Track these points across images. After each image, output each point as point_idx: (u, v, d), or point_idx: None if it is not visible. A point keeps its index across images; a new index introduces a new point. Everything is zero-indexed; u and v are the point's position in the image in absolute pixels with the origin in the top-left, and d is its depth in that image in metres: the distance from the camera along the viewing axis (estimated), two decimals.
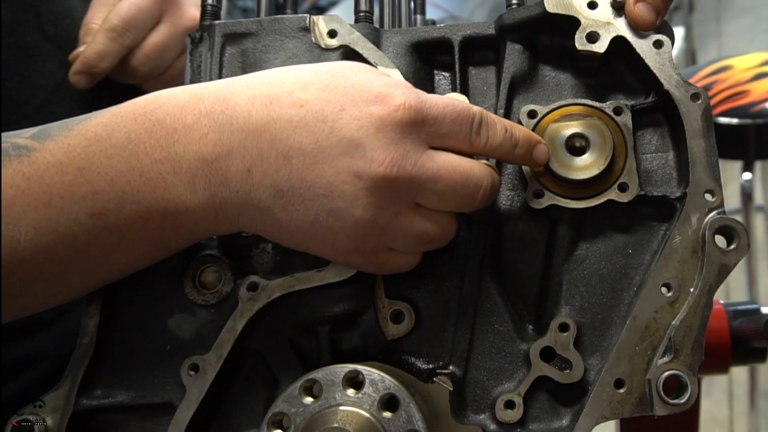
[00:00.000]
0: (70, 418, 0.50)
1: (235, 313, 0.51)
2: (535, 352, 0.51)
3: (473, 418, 0.51)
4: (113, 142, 0.45)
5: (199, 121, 0.45)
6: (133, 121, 0.46)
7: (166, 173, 0.45)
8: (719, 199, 0.50)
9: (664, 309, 0.49)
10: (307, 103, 0.45)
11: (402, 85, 0.47)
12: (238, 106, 0.46)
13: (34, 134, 0.46)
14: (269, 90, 0.46)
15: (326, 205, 0.45)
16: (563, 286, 0.53)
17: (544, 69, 0.57)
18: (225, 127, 0.45)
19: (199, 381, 0.50)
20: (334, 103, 0.45)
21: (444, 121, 0.46)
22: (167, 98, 0.47)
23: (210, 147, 0.45)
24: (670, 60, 0.53)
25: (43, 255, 0.45)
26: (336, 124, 0.44)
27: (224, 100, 0.46)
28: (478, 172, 0.47)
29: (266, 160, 0.45)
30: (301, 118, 0.45)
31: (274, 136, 0.45)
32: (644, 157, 0.54)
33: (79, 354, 0.52)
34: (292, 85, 0.46)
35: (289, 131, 0.45)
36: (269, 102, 0.45)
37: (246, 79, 0.48)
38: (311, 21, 0.58)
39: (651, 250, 0.53)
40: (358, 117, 0.44)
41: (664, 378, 0.47)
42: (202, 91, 0.47)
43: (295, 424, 0.45)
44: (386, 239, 0.47)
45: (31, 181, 0.44)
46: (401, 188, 0.45)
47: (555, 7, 0.54)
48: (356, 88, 0.46)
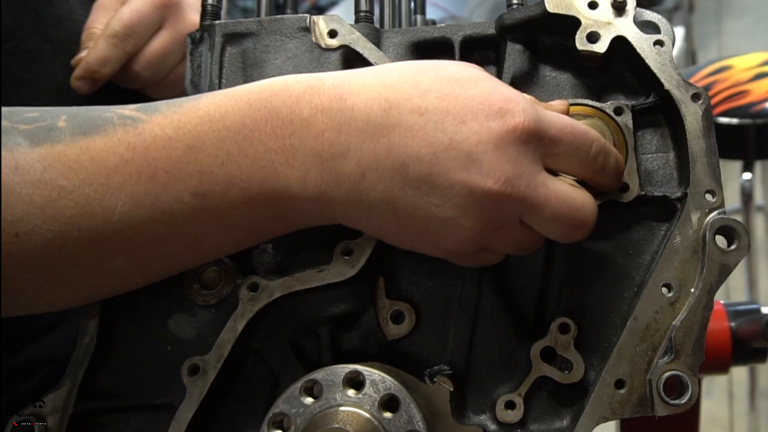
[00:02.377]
0: (70, 419, 0.50)
1: (235, 314, 0.51)
2: (535, 352, 0.51)
3: (474, 419, 0.51)
4: (226, 124, 0.44)
5: (316, 116, 0.45)
6: (248, 106, 0.45)
7: (279, 164, 0.45)
8: (720, 199, 0.50)
9: (665, 309, 0.49)
10: (426, 111, 0.44)
11: (522, 99, 0.46)
12: (356, 107, 0.45)
13: (140, 107, 0.45)
14: (388, 93, 0.45)
15: (437, 215, 0.45)
16: (564, 287, 0.53)
17: (544, 69, 0.57)
18: (343, 127, 0.44)
19: (199, 381, 0.50)
20: (454, 115, 0.44)
21: (561, 143, 0.46)
22: (281, 86, 0.46)
23: (326, 145, 0.45)
24: (670, 60, 0.53)
25: (135, 230, 0.44)
26: (455, 136, 0.44)
27: (341, 97, 0.45)
28: (587, 210, 0.47)
29: (382, 165, 0.44)
30: (420, 127, 0.44)
31: (391, 143, 0.44)
32: (645, 157, 0.54)
33: (79, 355, 0.52)
34: (411, 90, 0.45)
35: (408, 139, 0.44)
36: (388, 106, 0.45)
37: (362, 78, 0.47)
38: (311, 21, 0.58)
39: (651, 251, 0.53)
40: (478, 131, 0.44)
41: (665, 378, 0.47)
42: (317, 83, 0.46)
43: (295, 425, 0.45)
44: (485, 244, 0.47)
45: (136, 151, 0.43)
46: (510, 206, 0.45)
47: (555, 7, 0.54)
48: (476, 100, 0.45)
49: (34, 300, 0.45)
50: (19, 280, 0.42)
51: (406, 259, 0.54)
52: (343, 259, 0.51)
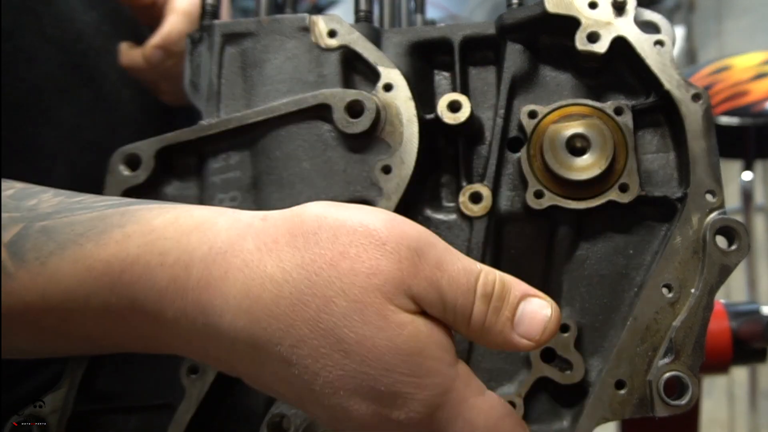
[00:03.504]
0: (70, 419, 0.50)
1: None
2: (535, 353, 0.51)
3: None
4: (92, 307, 0.41)
5: (180, 321, 0.40)
6: (109, 292, 0.41)
7: (157, 347, 0.43)
8: (720, 199, 0.50)
9: (665, 310, 0.49)
10: (296, 365, 0.38)
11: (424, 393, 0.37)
12: (220, 330, 0.39)
13: (12, 242, 0.43)
14: (253, 329, 0.38)
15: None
16: (564, 287, 0.53)
17: (544, 69, 0.57)
18: (209, 343, 0.40)
19: (198, 382, 0.50)
20: (325, 382, 0.37)
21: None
22: (143, 270, 0.40)
23: (197, 350, 0.42)
24: (671, 60, 0.52)
25: (49, 353, 0.47)
26: (322, 402, 0.38)
27: (204, 310, 0.39)
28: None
29: (254, 381, 0.41)
30: (286, 377, 0.39)
31: (258, 375, 0.40)
32: (645, 157, 0.54)
33: (78, 355, 0.51)
34: (280, 334, 0.38)
35: (274, 382, 0.40)
36: (253, 346, 0.39)
37: (229, 287, 0.39)
38: (311, 21, 0.58)
39: (652, 251, 0.52)
40: (347, 410, 0.38)
41: (665, 379, 0.47)
42: (181, 275, 0.40)
43: (294, 426, 0.45)
44: None
45: (13, 313, 0.42)
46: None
47: (555, 7, 0.54)
48: (356, 377, 0.37)
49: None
50: None
51: None
52: None
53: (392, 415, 0.37)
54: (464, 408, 0.38)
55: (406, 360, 0.37)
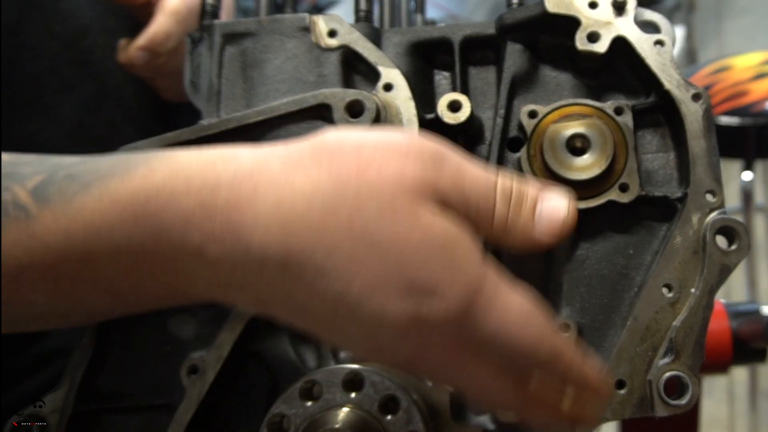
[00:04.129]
0: (70, 419, 0.50)
1: (235, 314, 0.51)
2: None
3: (474, 420, 0.51)
4: (115, 242, 0.41)
5: (208, 246, 0.39)
6: (133, 222, 0.40)
7: (179, 282, 0.42)
8: (720, 199, 0.50)
9: (665, 310, 0.49)
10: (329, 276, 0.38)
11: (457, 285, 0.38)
12: (251, 248, 0.39)
13: (35, 188, 0.42)
14: (287, 240, 0.39)
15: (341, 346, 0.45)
16: (564, 287, 0.53)
17: (544, 69, 0.57)
18: (237, 265, 0.40)
19: (198, 382, 0.50)
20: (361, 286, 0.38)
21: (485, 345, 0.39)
22: (169, 198, 0.40)
23: (223, 276, 0.40)
24: (671, 60, 0.52)
25: (64, 313, 0.44)
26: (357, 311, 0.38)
27: (234, 229, 0.39)
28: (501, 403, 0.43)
29: (281, 304, 0.41)
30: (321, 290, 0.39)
31: (289, 293, 0.40)
32: (645, 157, 0.54)
33: (78, 355, 0.52)
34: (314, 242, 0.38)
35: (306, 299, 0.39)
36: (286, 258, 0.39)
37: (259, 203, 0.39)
38: (311, 21, 0.58)
39: (652, 251, 0.52)
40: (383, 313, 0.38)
41: (665, 379, 0.47)
42: (209, 199, 0.40)
43: (295, 426, 0.45)
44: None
45: (34, 257, 0.41)
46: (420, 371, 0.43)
47: (555, 7, 0.54)
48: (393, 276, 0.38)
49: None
50: None
51: None
52: None
53: (428, 314, 0.37)
54: (496, 304, 0.38)
55: (440, 253, 0.37)
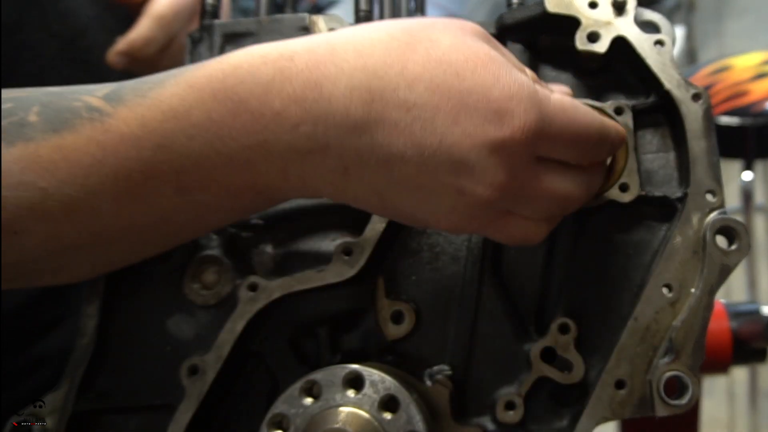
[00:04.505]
0: (70, 419, 0.50)
1: (234, 314, 0.51)
2: (535, 353, 0.51)
3: (473, 419, 0.51)
4: (193, 121, 0.41)
5: (289, 108, 0.40)
6: (212, 98, 0.41)
7: (255, 161, 0.42)
8: (720, 199, 0.50)
9: (665, 310, 0.49)
10: (414, 107, 0.40)
11: (524, 93, 0.41)
12: (334, 98, 0.40)
13: (107, 94, 0.43)
14: (370, 82, 0.40)
15: (424, 206, 0.42)
16: (564, 287, 0.53)
17: (544, 69, 0.57)
18: (320, 121, 0.40)
19: (198, 382, 0.50)
20: (445, 113, 0.40)
21: (560, 141, 0.43)
22: (247, 71, 0.41)
23: (303, 140, 0.41)
24: (671, 60, 0.52)
25: (127, 223, 0.43)
26: (446, 139, 0.40)
27: (316, 84, 0.40)
28: (574, 201, 0.46)
29: (365, 162, 0.41)
30: (407, 124, 0.40)
31: (374, 140, 0.40)
32: (645, 157, 0.54)
33: (77, 355, 0.52)
34: (397, 78, 0.40)
35: (393, 137, 0.40)
36: (371, 99, 0.40)
37: (340, 56, 0.41)
38: (311, 20, 0.58)
39: (652, 251, 0.52)
40: (471, 135, 0.40)
41: (665, 379, 0.47)
42: (287, 65, 0.41)
43: (294, 425, 0.45)
44: (479, 233, 0.47)
45: (106, 151, 0.41)
46: (500, 205, 0.43)
47: (555, 7, 0.54)
48: (473, 95, 0.40)
49: (54, 279, 0.46)
50: (28, 269, 0.44)
51: (406, 259, 0.54)
52: (343, 259, 0.51)
53: (512, 123, 0.40)
54: (552, 102, 0.42)
55: (503, 65, 0.41)
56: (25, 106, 0.43)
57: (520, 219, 0.45)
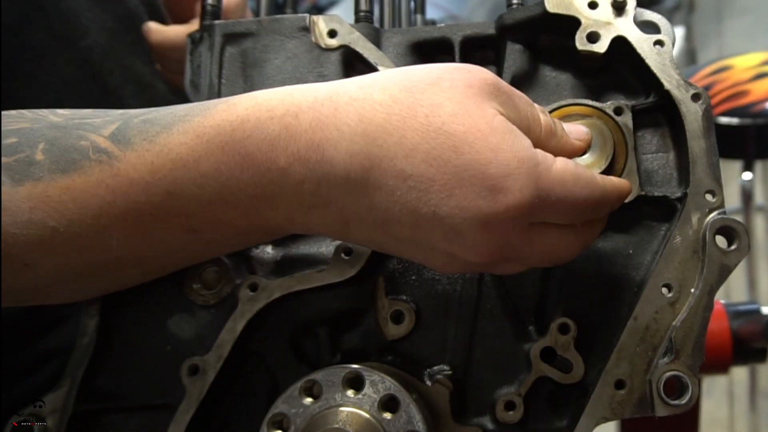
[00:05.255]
0: (70, 419, 0.50)
1: (235, 314, 0.51)
2: (535, 352, 0.51)
3: (473, 419, 0.51)
4: (202, 171, 0.43)
5: (293, 166, 0.42)
6: (220, 151, 0.43)
7: (262, 208, 0.44)
8: (720, 199, 0.50)
9: (665, 309, 0.49)
10: (410, 177, 0.40)
11: (523, 169, 0.41)
12: (335, 161, 0.42)
13: (113, 134, 0.44)
14: (369, 149, 0.41)
15: (421, 259, 0.46)
16: (563, 287, 0.53)
17: (544, 69, 0.57)
18: (322, 181, 0.42)
19: (198, 382, 0.50)
20: (441, 186, 0.40)
21: (556, 211, 0.43)
22: (254, 126, 0.43)
23: (307, 195, 0.43)
24: (670, 60, 0.52)
25: (136, 256, 0.46)
26: (440, 210, 0.41)
27: (319, 146, 0.42)
28: (565, 256, 0.46)
29: (364, 220, 0.43)
30: (403, 193, 0.41)
31: (372, 202, 0.42)
32: (645, 157, 0.54)
33: (78, 355, 0.52)
34: (395, 148, 0.41)
35: (389, 203, 0.41)
36: (369, 165, 0.41)
37: (342, 119, 0.42)
38: (311, 21, 0.58)
39: (651, 251, 0.52)
40: (465, 208, 0.40)
41: (665, 379, 0.47)
42: (292, 123, 0.42)
43: (295, 425, 0.45)
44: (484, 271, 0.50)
45: (116, 195, 0.42)
46: (494, 267, 0.46)
47: (555, 7, 0.54)
48: (468, 170, 0.40)
49: (56, 300, 0.49)
50: (37, 293, 0.46)
51: (406, 260, 0.54)
52: (343, 259, 0.51)
53: (506, 201, 0.40)
54: (552, 172, 0.42)
55: (505, 137, 0.41)
56: (31, 143, 0.43)
57: (516, 263, 0.46)
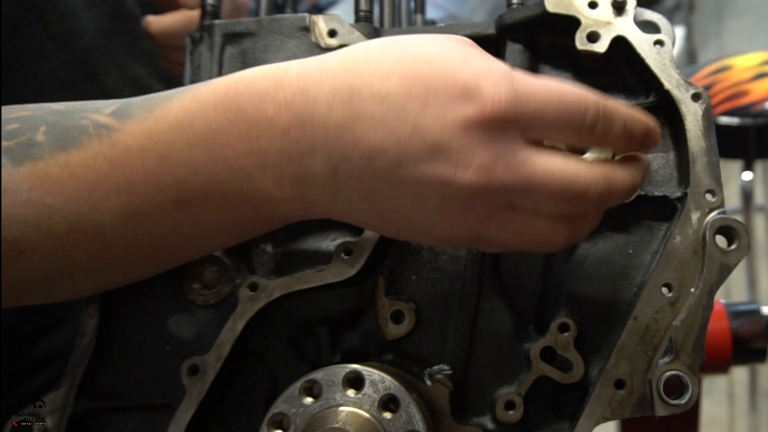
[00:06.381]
0: (70, 419, 0.50)
1: (234, 314, 0.51)
2: (535, 352, 0.51)
3: (473, 419, 0.51)
4: (194, 131, 0.43)
5: (280, 114, 0.43)
6: (213, 109, 0.44)
7: (250, 167, 0.43)
8: (720, 199, 0.50)
9: (665, 309, 0.49)
10: (387, 97, 0.40)
11: (494, 71, 0.41)
12: (318, 99, 0.42)
13: (114, 111, 0.45)
14: (350, 79, 0.42)
15: (417, 205, 0.42)
16: (563, 287, 0.53)
17: (544, 69, 0.57)
18: (307, 123, 0.42)
19: (198, 382, 0.50)
20: (416, 98, 0.40)
21: (545, 116, 0.41)
22: (248, 83, 0.44)
23: (294, 144, 0.43)
24: (670, 60, 0.52)
25: (128, 240, 0.45)
26: (417, 123, 0.40)
27: (304, 89, 0.42)
28: (584, 179, 0.41)
29: (350, 160, 0.41)
30: (382, 115, 0.40)
31: (355, 136, 0.41)
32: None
33: (78, 354, 0.52)
34: (373, 74, 0.41)
35: (371, 130, 0.41)
36: (350, 96, 0.41)
37: (326, 63, 0.43)
38: (311, 20, 0.58)
39: (651, 251, 0.52)
40: (441, 116, 0.39)
41: (665, 378, 0.47)
42: (282, 76, 0.44)
43: (295, 425, 0.45)
44: (479, 235, 0.43)
45: (113, 164, 0.43)
46: (490, 194, 0.40)
47: (555, 7, 0.54)
48: (440, 77, 0.40)
49: (57, 296, 0.48)
50: (37, 286, 0.45)
51: (406, 259, 0.54)
52: (343, 259, 0.51)
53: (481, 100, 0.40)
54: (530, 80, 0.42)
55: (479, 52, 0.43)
56: (32, 127, 0.44)
57: (529, 214, 0.42)
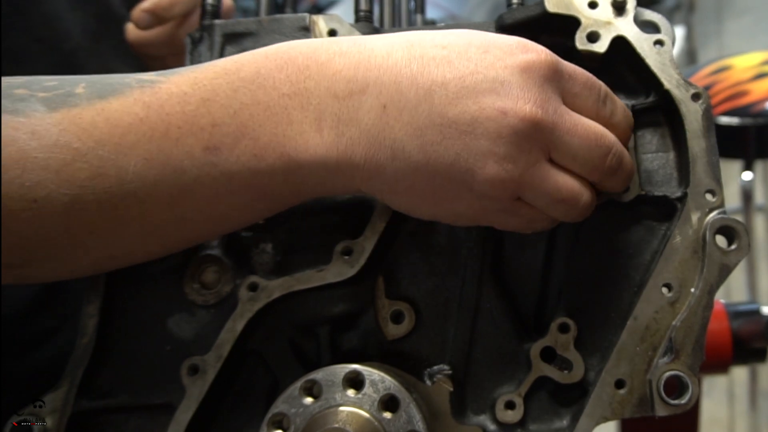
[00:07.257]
0: (70, 419, 0.50)
1: (234, 314, 0.51)
2: (535, 352, 0.51)
3: (473, 419, 0.51)
4: (241, 75, 0.44)
5: (333, 59, 0.44)
6: (264, 58, 0.45)
7: (292, 108, 0.44)
8: (720, 198, 0.50)
9: (665, 309, 0.49)
10: (449, 44, 0.44)
11: (540, 46, 0.47)
12: (376, 48, 0.45)
13: (161, 72, 0.46)
14: (409, 37, 0.45)
15: (468, 144, 0.43)
16: (563, 287, 0.53)
17: None
18: (361, 64, 0.44)
19: (198, 381, 0.50)
20: (477, 46, 0.45)
21: (576, 81, 0.47)
22: (301, 42, 0.47)
23: (343, 83, 0.44)
24: (670, 59, 0.52)
25: (148, 190, 0.43)
26: (481, 63, 0.44)
27: (361, 44, 0.45)
28: (610, 136, 0.47)
29: (405, 95, 0.43)
30: (444, 56, 0.44)
31: (414, 72, 0.43)
32: (645, 156, 0.54)
33: (78, 354, 0.52)
34: (431, 35, 0.46)
35: (432, 67, 0.43)
36: (410, 45, 0.45)
37: (380, 36, 0.47)
38: (311, 20, 0.58)
39: (651, 250, 0.52)
40: (502, 58, 0.44)
41: (665, 378, 0.47)
42: (337, 39, 0.47)
43: (295, 425, 0.45)
44: (520, 190, 0.45)
45: (150, 109, 0.43)
46: (542, 133, 0.44)
47: (555, 7, 0.54)
48: (496, 38, 0.46)
49: (57, 268, 0.46)
50: (41, 248, 0.43)
51: (406, 259, 0.54)
52: (343, 259, 0.51)
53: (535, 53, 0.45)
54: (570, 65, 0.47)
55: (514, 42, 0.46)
56: (73, 82, 0.44)
57: (564, 171, 0.46)
